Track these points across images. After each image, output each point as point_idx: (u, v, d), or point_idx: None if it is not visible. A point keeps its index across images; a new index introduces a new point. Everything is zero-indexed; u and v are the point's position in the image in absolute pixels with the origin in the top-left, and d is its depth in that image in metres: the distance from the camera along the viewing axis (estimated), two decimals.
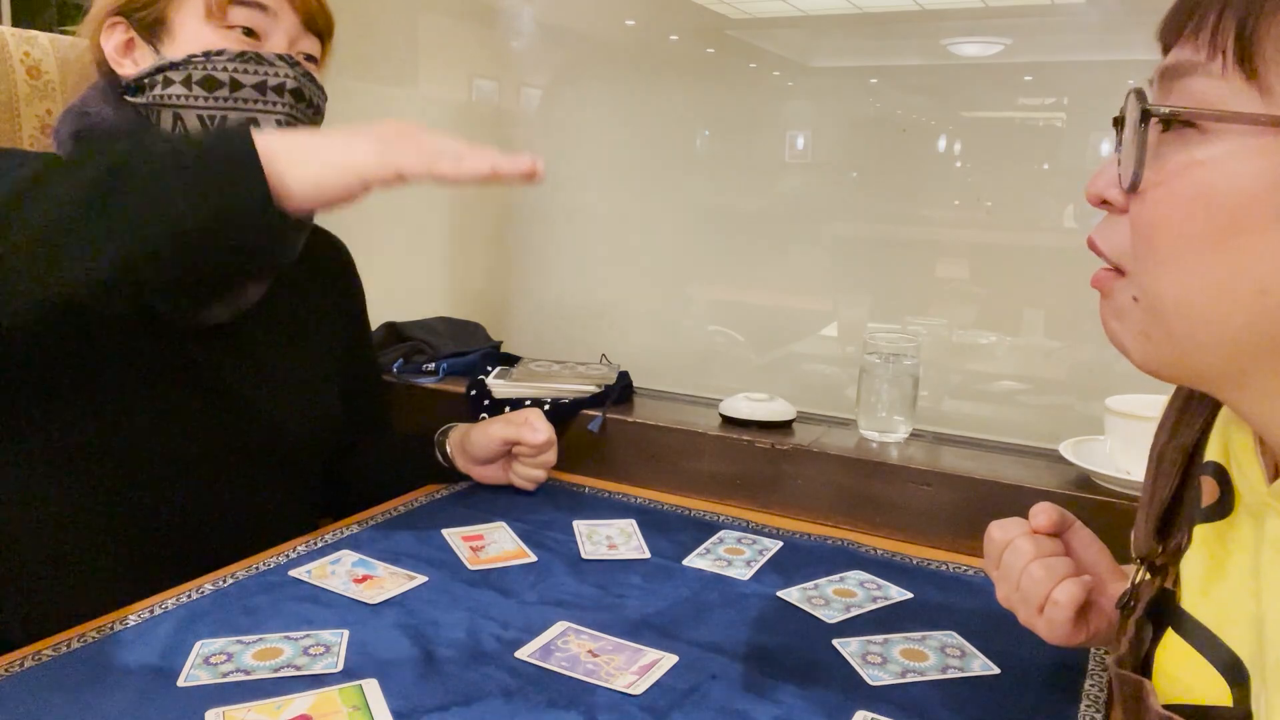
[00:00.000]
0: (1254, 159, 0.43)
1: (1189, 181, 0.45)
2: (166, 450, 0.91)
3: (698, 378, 1.43)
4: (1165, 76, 0.48)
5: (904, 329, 1.29)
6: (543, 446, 1.10)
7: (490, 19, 1.58)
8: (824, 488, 1.13)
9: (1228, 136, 0.44)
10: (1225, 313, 0.45)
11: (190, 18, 0.90)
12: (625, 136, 1.52)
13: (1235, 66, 0.44)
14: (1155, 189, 0.47)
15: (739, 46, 1.41)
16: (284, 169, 0.67)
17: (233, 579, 0.88)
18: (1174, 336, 0.48)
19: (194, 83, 0.89)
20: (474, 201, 1.65)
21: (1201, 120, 0.45)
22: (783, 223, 1.41)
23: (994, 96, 1.25)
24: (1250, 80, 0.43)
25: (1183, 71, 0.46)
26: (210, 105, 0.89)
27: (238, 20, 0.91)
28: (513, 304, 1.62)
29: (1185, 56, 0.46)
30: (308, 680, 0.70)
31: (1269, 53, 0.43)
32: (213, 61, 0.89)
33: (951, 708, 0.71)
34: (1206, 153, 0.45)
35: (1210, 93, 0.45)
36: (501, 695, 0.69)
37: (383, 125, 0.71)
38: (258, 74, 0.90)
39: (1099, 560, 0.71)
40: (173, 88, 0.89)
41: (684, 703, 0.70)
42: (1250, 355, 0.46)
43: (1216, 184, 0.44)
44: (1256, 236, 0.43)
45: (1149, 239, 0.47)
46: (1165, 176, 0.46)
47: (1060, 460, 1.06)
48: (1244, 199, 0.43)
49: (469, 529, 1.02)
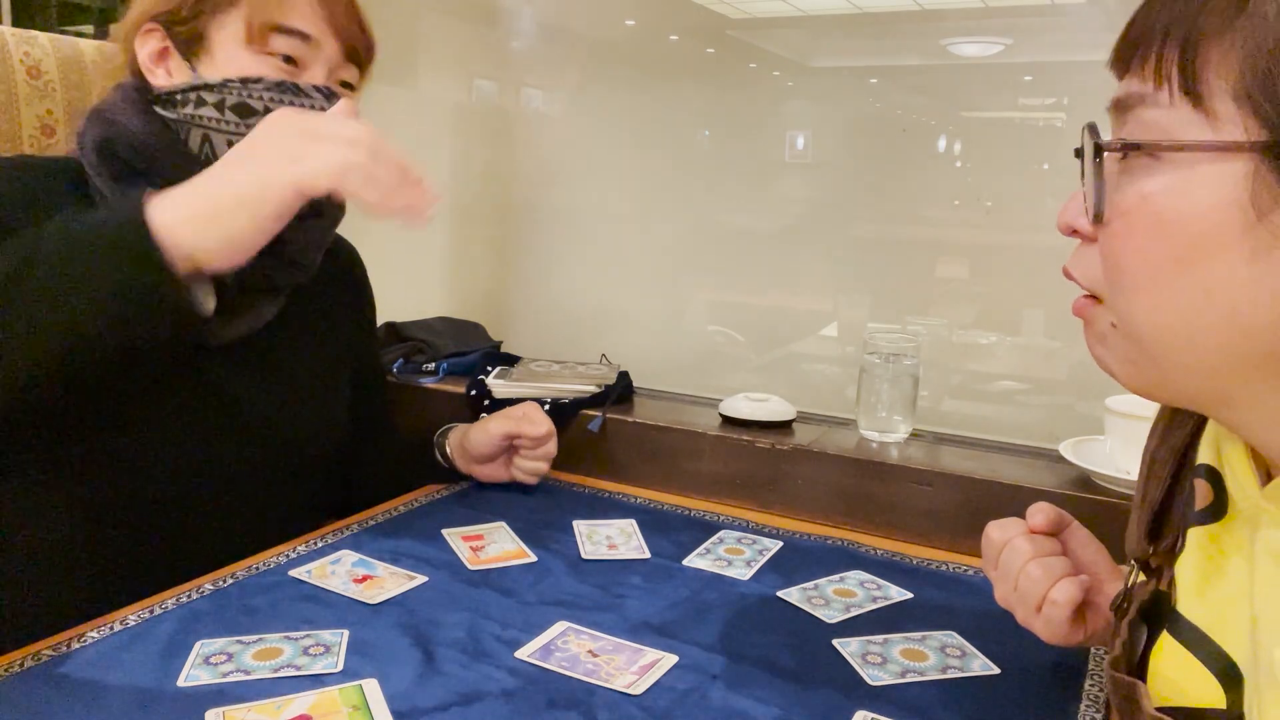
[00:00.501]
0: (1208, 185, 0.44)
1: (1148, 211, 0.46)
2: (178, 466, 0.91)
3: (698, 378, 1.43)
4: (1118, 108, 0.49)
5: (904, 329, 1.29)
6: (543, 439, 1.11)
7: (490, 19, 1.58)
8: (824, 488, 1.13)
9: (1181, 164, 0.45)
10: (1201, 334, 0.46)
11: (230, 39, 0.89)
12: (625, 136, 1.52)
13: (1181, 95, 0.45)
14: (1118, 219, 0.48)
15: (739, 46, 1.41)
16: (188, 239, 0.65)
17: (233, 579, 0.88)
18: (1155, 360, 0.49)
19: (227, 107, 0.88)
20: (474, 201, 1.65)
21: (1154, 150, 0.46)
22: (782, 222, 1.41)
23: (994, 96, 1.25)
24: (1196, 108, 0.44)
25: (1133, 103, 0.47)
26: (241, 133, 0.87)
27: (278, 48, 0.89)
28: (513, 304, 1.62)
29: (1134, 88, 0.47)
30: (308, 680, 0.70)
31: (1211, 79, 0.44)
32: (249, 88, 0.88)
33: (951, 708, 0.71)
34: (1162, 182, 0.45)
35: (1160, 122, 0.46)
36: (501, 695, 0.69)
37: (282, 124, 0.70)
38: (293, 104, 0.89)
39: (1097, 560, 0.71)
40: (205, 109, 0.88)
41: (684, 703, 0.70)
42: (1231, 375, 0.47)
43: (1175, 211, 0.45)
44: (1220, 260, 0.44)
45: (1118, 268, 0.48)
46: (1126, 207, 0.47)
47: (1060, 460, 1.06)
48: (1204, 223, 0.44)
49: (469, 529, 1.02)
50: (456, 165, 1.66)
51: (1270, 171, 0.42)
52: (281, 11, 0.89)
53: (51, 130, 1.05)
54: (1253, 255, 0.43)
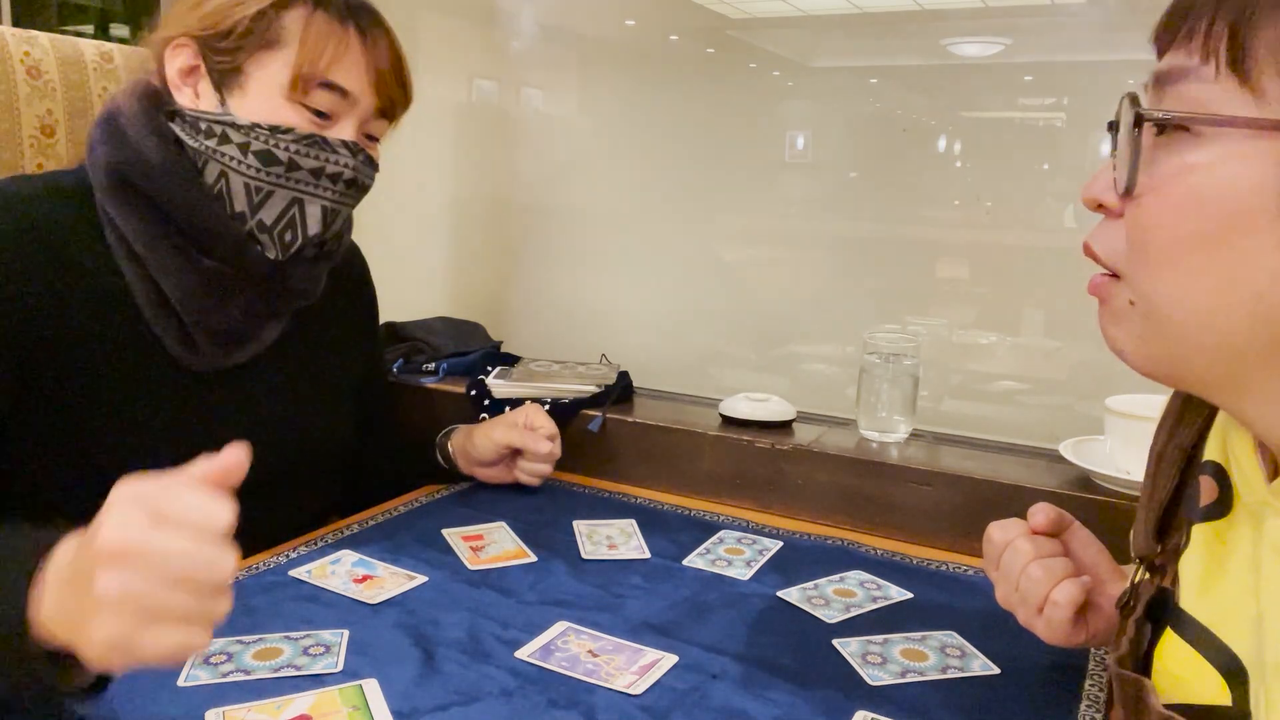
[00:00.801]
0: (1248, 162, 0.43)
1: (1183, 185, 0.45)
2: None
3: (698, 378, 1.43)
4: (1159, 81, 0.48)
5: (904, 329, 1.29)
6: (546, 457, 1.11)
7: (490, 19, 1.58)
8: (824, 488, 1.13)
9: (1222, 140, 0.44)
10: (1221, 317, 0.45)
11: (269, 82, 0.87)
12: (625, 136, 1.52)
13: (1228, 71, 0.44)
14: (1150, 193, 0.47)
15: (739, 46, 1.41)
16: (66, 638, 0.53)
17: (233, 579, 0.87)
18: (1171, 340, 0.48)
19: (251, 151, 0.87)
20: (474, 201, 1.65)
21: (1195, 124, 0.45)
22: (783, 223, 1.41)
23: (994, 96, 1.25)
24: (1244, 84, 0.43)
25: (1176, 76, 0.46)
26: (260, 179, 0.87)
27: (317, 102, 0.88)
28: (513, 304, 1.62)
29: (1179, 61, 0.46)
30: (308, 680, 0.70)
31: (1262, 56, 0.43)
32: (276, 138, 0.87)
33: (951, 708, 0.71)
34: (1200, 157, 0.45)
35: (1204, 97, 0.45)
36: (501, 695, 0.69)
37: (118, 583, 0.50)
38: (318, 159, 0.88)
39: (1098, 560, 0.71)
40: (228, 147, 0.87)
41: (684, 703, 0.70)
42: (1247, 359, 0.46)
43: (1211, 188, 0.44)
44: (1252, 240, 0.43)
45: (1144, 243, 0.48)
46: (1160, 181, 0.46)
47: (1060, 460, 1.06)
48: (1238, 203, 0.43)
49: (469, 529, 1.02)
50: (456, 165, 1.66)
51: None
52: (332, 67, 0.88)
53: (51, 130, 1.05)
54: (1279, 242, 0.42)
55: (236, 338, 0.93)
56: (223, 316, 0.91)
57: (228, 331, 0.92)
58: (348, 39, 0.89)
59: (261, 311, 0.94)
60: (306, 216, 0.90)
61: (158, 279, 0.87)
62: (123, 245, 0.87)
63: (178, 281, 0.88)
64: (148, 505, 0.52)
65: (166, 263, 0.87)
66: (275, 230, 0.90)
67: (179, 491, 0.53)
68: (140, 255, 0.87)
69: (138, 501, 0.53)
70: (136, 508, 0.52)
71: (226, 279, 0.90)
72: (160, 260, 0.87)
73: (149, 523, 0.51)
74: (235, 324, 0.92)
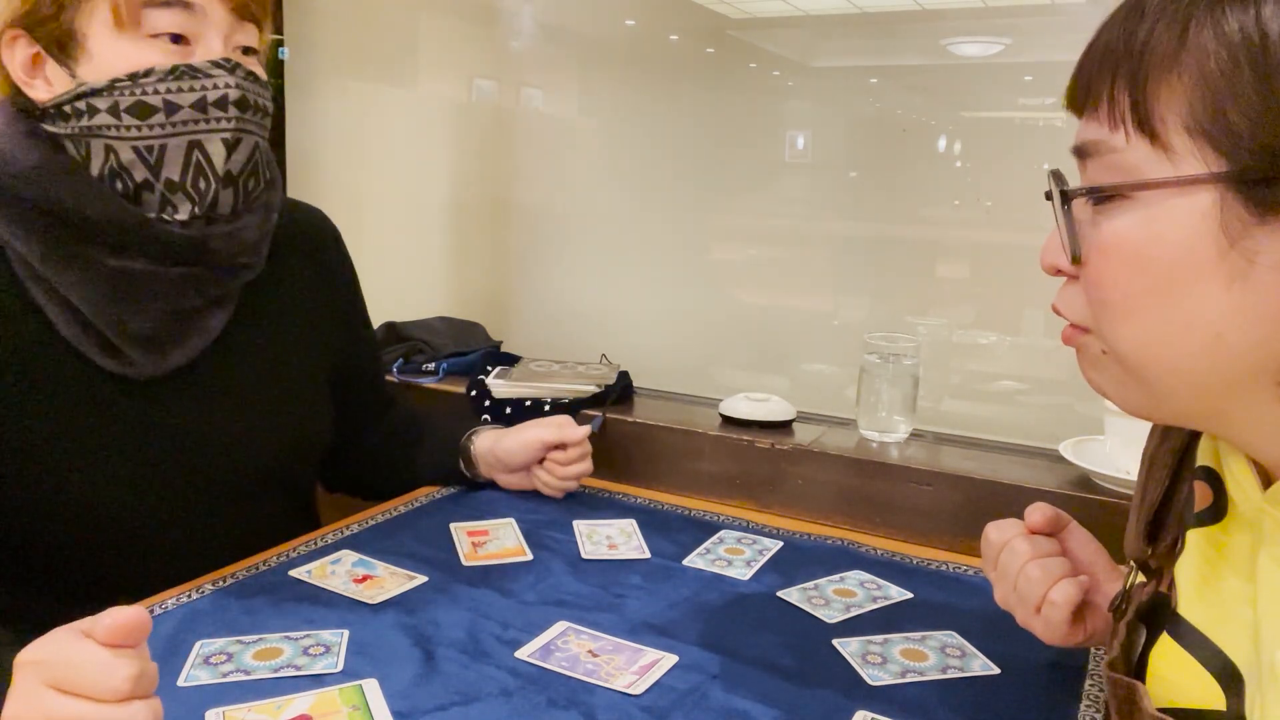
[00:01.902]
0: (1177, 219, 0.45)
1: (1124, 248, 0.47)
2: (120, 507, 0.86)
3: (698, 378, 1.43)
4: (1079, 154, 0.50)
5: (904, 329, 1.29)
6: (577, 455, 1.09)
7: (490, 19, 1.58)
8: (824, 488, 1.13)
9: (1149, 202, 0.46)
10: (1187, 361, 0.47)
11: (102, 28, 0.79)
12: (625, 136, 1.52)
13: (1138, 135, 0.46)
14: (1096, 257, 0.49)
15: (739, 46, 1.41)
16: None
17: (233, 579, 0.88)
18: (1146, 384, 0.50)
19: (123, 110, 0.79)
20: (474, 202, 1.65)
21: (1120, 191, 0.47)
22: (783, 222, 1.41)
23: (994, 96, 1.25)
24: (1154, 145, 0.45)
25: (1091, 150, 0.49)
26: (146, 135, 0.80)
27: (159, 26, 0.79)
28: (513, 304, 1.62)
29: (1091, 134, 0.49)
30: (308, 680, 0.70)
31: (1164, 115, 0.45)
32: (140, 85, 0.79)
33: (951, 708, 0.71)
34: (1133, 219, 0.47)
35: (1123, 163, 0.47)
36: (501, 695, 0.69)
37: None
38: (194, 90, 0.80)
39: (1096, 560, 0.71)
40: (99, 116, 0.79)
41: (684, 703, 0.70)
42: (1221, 395, 0.47)
43: (1149, 246, 0.46)
44: (1199, 286, 0.45)
45: (1101, 301, 0.50)
46: (1102, 246, 0.48)
47: (1060, 460, 1.06)
48: (1178, 256, 0.45)
49: (476, 524, 1.02)
50: (456, 165, 1.66)
51: (1235, 199, 0.43)
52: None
53: None
54: (1229, 281, 0.44)
55: (169, 337, 0.86)
56: (144, 319, 0.84)
57: (154, 335, 0.85)
58: None
59: (192, 303, 0.87)
60: (211, 155, 0.83)
61: (65, 294, 0.82)
62: (23, 264, 0.81)
63: (84, 294, 0.82)
64: (47, 675, 0.55)
65: (68, 275, 0.81)
66: (186, 185, 0.82)
67: (79, 657, 0.55)
68: (41, 273, 0.81)
69: (38, 672, 0.55)
70: (36, 680, 0.55)
71: (137, 276, 0.83)
72: (62, 274, 0.81)
73: (49, 697, 0.54)
74: (162, 324, 0.85)
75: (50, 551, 0.86)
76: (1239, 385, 0.46)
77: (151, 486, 0.88)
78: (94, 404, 0.85)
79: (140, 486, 0.87)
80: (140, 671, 0.55)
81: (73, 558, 0.87)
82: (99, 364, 0.84)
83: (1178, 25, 0.44)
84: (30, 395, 0.82)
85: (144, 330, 0.84)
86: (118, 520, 0.87)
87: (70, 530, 0.85)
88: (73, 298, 0.82)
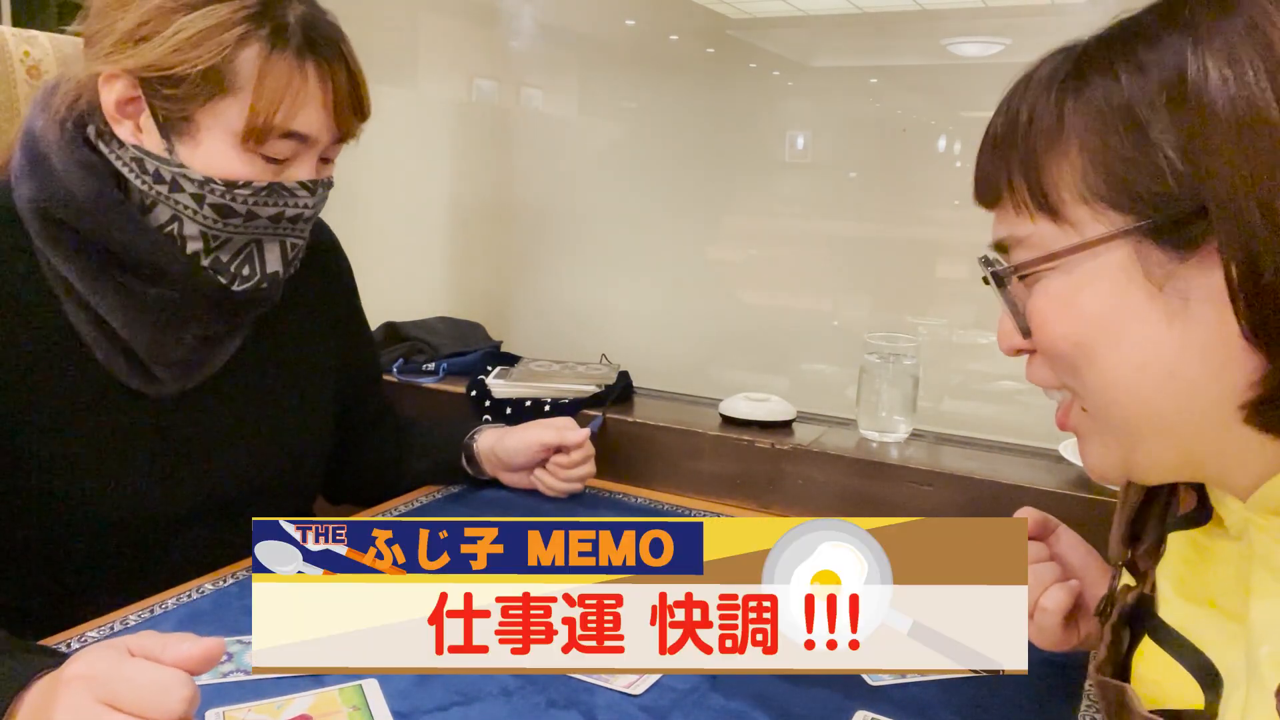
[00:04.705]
0: (1102, 278, 0.48)
1: (1057, 307, 0.51)
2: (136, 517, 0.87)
3: (698, 378, 1.43)
4: (999, 249, 0.54)
5: (904, 329, 1.29)
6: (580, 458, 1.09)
7: (490, 19, 1.58)
8: (824, 488, 1.13)
9: (1068, 267, 0.50)
10: (1150, 402, 0.49)
11: (224, 132, 0.80)
12: (625, 136, 1.52)
13: (1041, 215, 0.50)
14: (1043, 326, 0.52)
15: (739, 46, 1.41)
16: None
17: (233, 579, 0.88)
18: (1123, 435, 0.51)
19: (207, 204, 0.81)
20: (474, 201, 1.65)
21: (1041, 264, 0.51)
22: (782, 222, 1.41)
23: (994, 96, 1.24)
24: (1058, 223, 0.49)
25: (1009, 242, 0.53)
26: (217, 229, 0.83)
27: (273, 151, 0.82)
28: (513, 304, 1.62)
29: (1004, 230, 0.54)
30: (308, 680, 0.70)
31: (1061, 193, 0.49)
32: (234, 194, 0.81)
33: (951, 708, 0.71)
34: (1063, 284, 0.50)
35: (1039, 241, 0.51)
36: (501, 695, 0.69)
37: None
38: (277, 206, 0.84)
39: (1087, 562, 0.71)
40: (181, 195, 0.81)
41: (683, 703, 0.70)
42: (1192, 437, 0.49)
43: (1085, 303, 0.49)
44: (1137, 329, 0.48)
45: (1058, 359, 0.52)
46: (1044, 314, 0.52)
47: (1060, 460, 1.06)
48: (1108, 305, 0.48)
49: None
50: (456, 165, 1.66)
51: (1149, 247, 0.46)
52: (293, 115, 0.81)
53: None
54: (1168, 320, 0.46)
55: (196, 360, 0.89)
56: (177, 346, 0.87)
57: (186, 359, 0.88)
58: (306, 82, 0.81)
59: (219, 329, 0.90)
60: (265, 254, 0.87)
61: (105, 317, 0.83)
62: (61, 283, 0.82)
63: (125, 320, 0.83)
64: (102, 692, 0.53)
65: (111, 301, 0.83)
66: (232, 266, 0.86)
67: (141, 677, 0.54)
68: (81, 295, 0.82)
69: (91, 688, 0.53)
70: (89, 696, 0.53)
71: (176, 306, 0.85)
72: (104, 299, 0.83)
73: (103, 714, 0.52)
74: (193, 349, 0.88)
75: (60, 557, 0.87)
76: (1205, 422, 0.48)
77: (164, 497, 0.89)
78: (116, 418, 0.86)
79: (153, 498, 0.88)
80: (194, 694, 0.54)
81: (83, 563, 0.87)
82: (123, 381, 0.86)
83: (1054, 107, 0.50)
84: (55, 408, 0.83)
85: (176, 358, 0.87)
86: (130, 529, 0.88)
87: (82, 537, 0.86)
88: (114, 322, 0.83)
